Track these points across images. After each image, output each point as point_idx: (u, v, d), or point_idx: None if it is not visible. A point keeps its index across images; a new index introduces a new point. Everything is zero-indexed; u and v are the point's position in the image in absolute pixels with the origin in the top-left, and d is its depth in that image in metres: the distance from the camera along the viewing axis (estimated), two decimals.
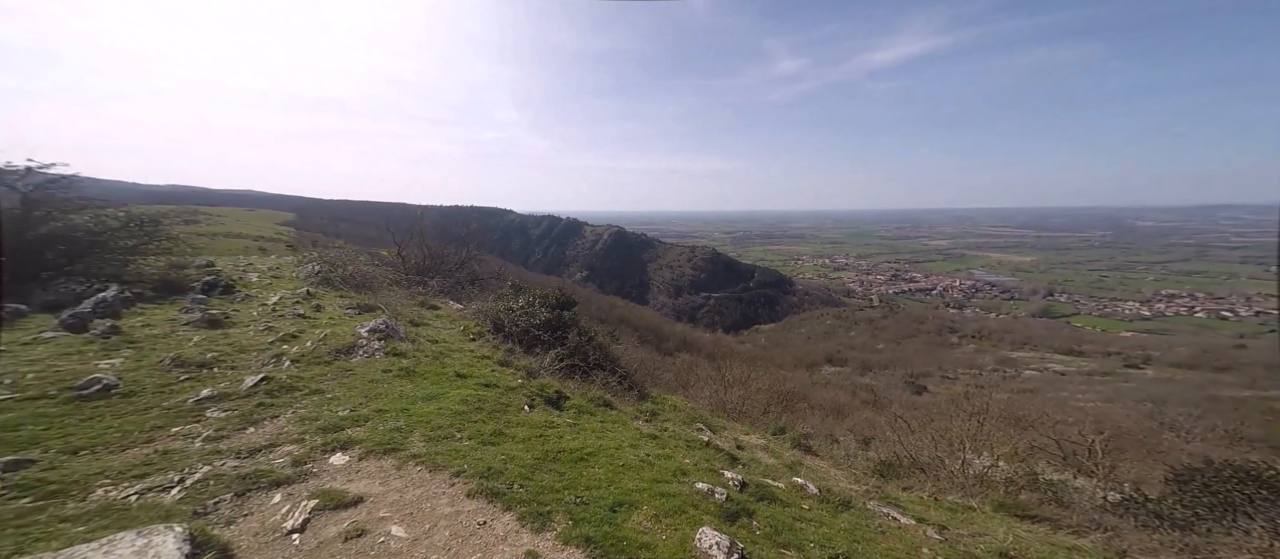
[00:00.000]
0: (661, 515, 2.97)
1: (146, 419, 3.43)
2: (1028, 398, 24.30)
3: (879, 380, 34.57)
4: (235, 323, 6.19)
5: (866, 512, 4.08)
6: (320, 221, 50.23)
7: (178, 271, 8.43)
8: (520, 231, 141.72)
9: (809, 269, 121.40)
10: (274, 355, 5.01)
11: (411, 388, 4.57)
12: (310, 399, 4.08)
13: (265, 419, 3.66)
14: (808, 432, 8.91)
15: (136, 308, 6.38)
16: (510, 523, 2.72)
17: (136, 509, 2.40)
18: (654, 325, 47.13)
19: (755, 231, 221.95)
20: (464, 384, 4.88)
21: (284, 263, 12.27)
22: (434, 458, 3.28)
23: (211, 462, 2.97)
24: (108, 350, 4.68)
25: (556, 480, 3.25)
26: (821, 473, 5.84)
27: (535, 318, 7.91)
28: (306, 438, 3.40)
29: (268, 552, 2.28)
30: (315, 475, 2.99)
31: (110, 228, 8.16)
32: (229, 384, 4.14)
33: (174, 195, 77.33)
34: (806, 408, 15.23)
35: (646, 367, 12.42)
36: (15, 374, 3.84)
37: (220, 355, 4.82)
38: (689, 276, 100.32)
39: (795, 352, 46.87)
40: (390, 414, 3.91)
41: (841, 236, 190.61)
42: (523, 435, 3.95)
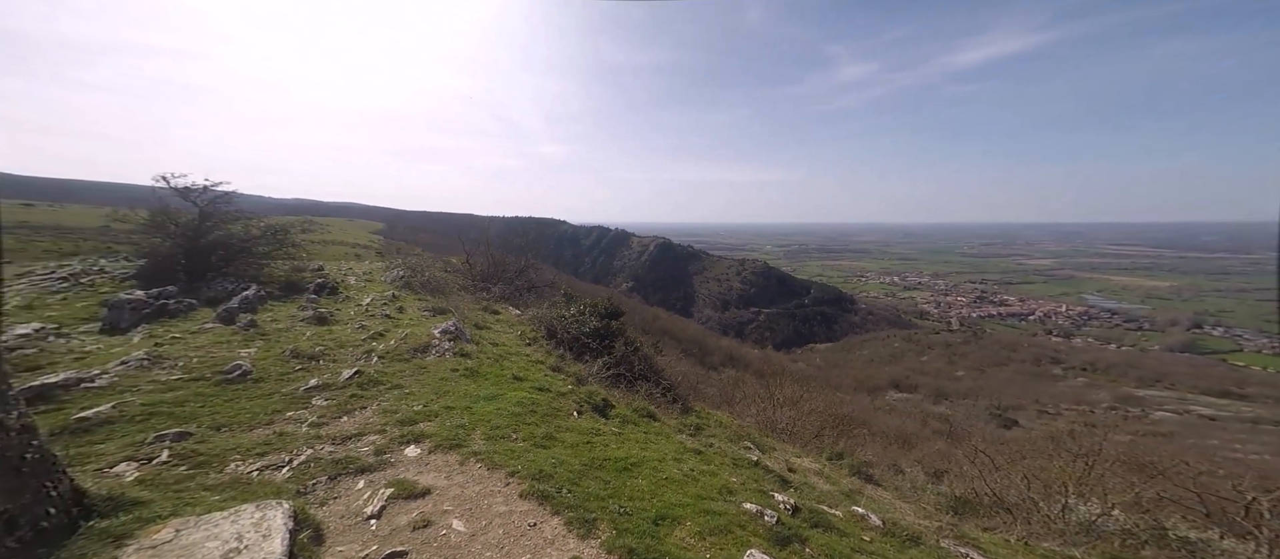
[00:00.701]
0: (706, 532, 2.86)
1: (269, 403, 4.04)
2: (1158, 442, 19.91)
3: (956, 410, 30.52)
4: (337, 320, 7.10)
5: (940, 550, 3.61)
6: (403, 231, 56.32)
7: (297, 274, 9.92)
8: (572, 242, 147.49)
9: (874, 287, 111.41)
10: (365, 351, 5.65)
11: (474, 387, 4.87)
12: (391, 393, 4.53)
13: (356, 409, 4.12)
14: (868, 460, 8.08)
15: (267, 305, 7.60)
16: (558, 527, 2.76)
17: (256, 484, 2.81)
18: (698, 339, 46.18)
19: (812, 245, 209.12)
20: (520, 387, 5.08)
21: (374, 268, 13.92)
22: (492, 456, 3.45)
23: (313, 446, 3.40)
24: (247, 341, 5.61)
25: (602, 488, 3.25)
26: (884, 504, 5.27)
27: (585, 326, 8.11)
28: (387, 429, 3.76)
29: (350, 534, 2.53)
30: (392, 465, 3.28)
31: (253, 236, 9.85)
32: (330, 375, 4.74)
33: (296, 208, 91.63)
34: (866, 434, 13.85)
35: (690, 380, 12.14)
36: (185, 358, 4.74)
37: (325, 349, 5.54)
38: (738, 290, 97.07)
39: (855, 374, 43.11)
40: (456, 411, 4.19)
41: (914, 253, 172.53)
42: (571, 441, 4.02)
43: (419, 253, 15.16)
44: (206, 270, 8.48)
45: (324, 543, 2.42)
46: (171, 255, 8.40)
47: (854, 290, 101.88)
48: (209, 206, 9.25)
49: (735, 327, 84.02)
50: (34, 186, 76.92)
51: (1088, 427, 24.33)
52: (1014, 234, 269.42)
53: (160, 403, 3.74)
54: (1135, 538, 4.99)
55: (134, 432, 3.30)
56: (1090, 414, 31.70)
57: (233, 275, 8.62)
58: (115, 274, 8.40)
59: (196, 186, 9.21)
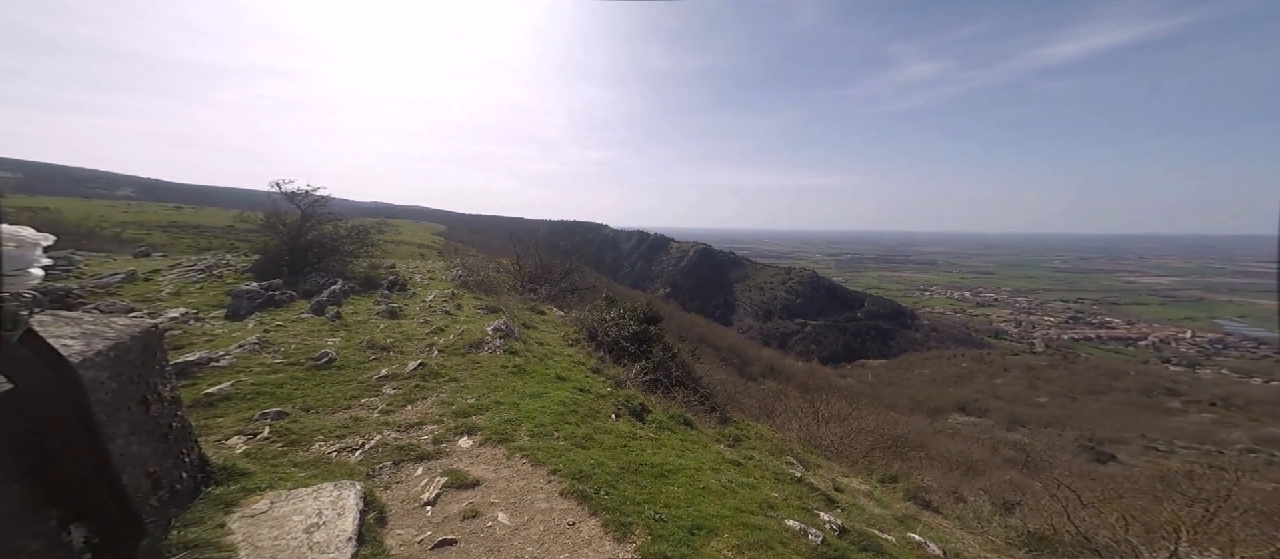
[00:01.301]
0: (744, 546, 2.75)
1: (347, 389, 4.51)
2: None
3: (1036, 439, 26.70)
4: (405, 315, 7.78)
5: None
6: (461, 233, 60.66)
7: (374, 271, 11.04)
8: (612, 246, 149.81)
9: (940, 302, 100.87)
10: (427, 345, 6.13)
11: (521, 385, 5.07)
12: (449, 386, 4.86)
13: (418, 399, 4.47)
14: (927, 485, 7.29)
15: (349, 298, 8.53)
16: (595, 528, 2.77)
17: (334, 465, 3.13)
18: (737, 347, 44.68)
19: (868, 255, 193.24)
20: (563, 386, 5.21)
21: (436, 267, 15.09)
22: (536, 453, 3.56)
23: (382, 432, 3.73)
24: (333, 330, 6.33)
25: (638, 492, 3.23)
26: (945, 533, 4.77)
27: (624, 330, 8.18)
28: (444, 420, 4.03)
29: (408, 519, 2.72)
30: (447, 455, 3.50)
31: (341, 236, 11.12)
32: (398, 366, 5.19)
33: (372, 210, 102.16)
34: (923, 459, 12.52)
35: (728, 389, 11.75)
36: (285, 344, 5.46)
37: (395, 342, 6.10)
38: (782, 300, 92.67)
39: (913, 393, 39.31)
40: (504, 407, 4.39)
41: (990, 266, 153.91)
42: (609, 443, 4.04)
43: (474, 254, 16.26)
44: (304, 266, 9.72)
45: (386, 525, 2.63)
46: (279, 252, 9.74)
47: (915, 305, 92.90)
48: (309, 209, 10.60)
49: (778, 337, 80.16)
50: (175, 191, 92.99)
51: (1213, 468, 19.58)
52: (1122, 247, 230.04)
53: (265, 383, 4.32)
54: None
55: (244, 408, 3.85)
56: (1218, 455, 26.09)
57: (324, 271, 9.80)
58: (237, 268, 9.88)
59: (300, 192, 10.63)
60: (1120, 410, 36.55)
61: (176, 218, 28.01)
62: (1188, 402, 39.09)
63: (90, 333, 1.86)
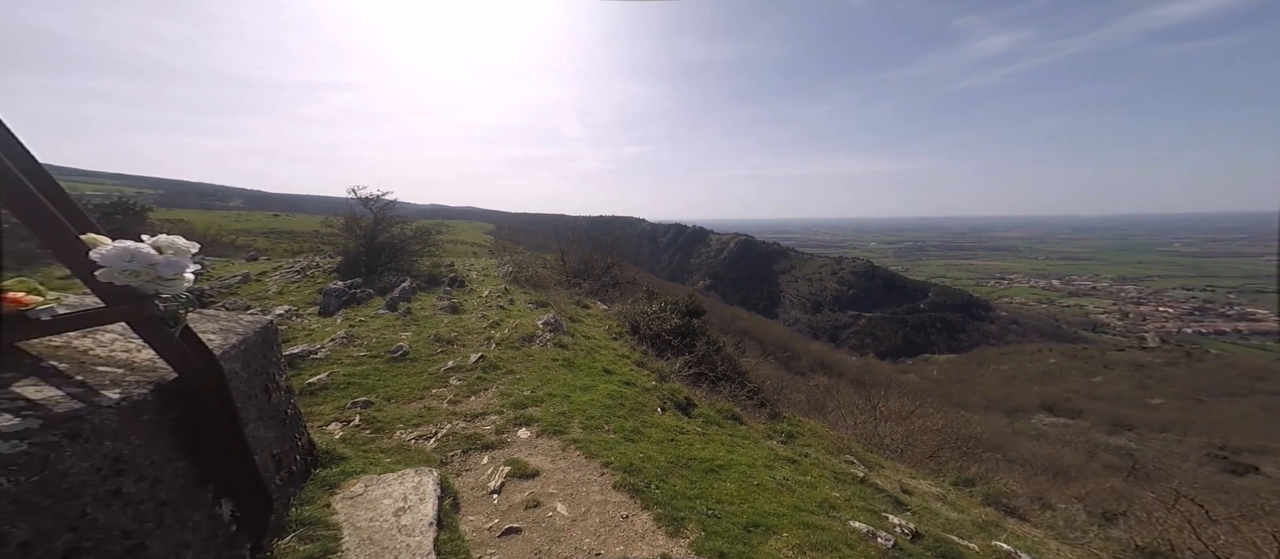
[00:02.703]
0: (806, 547, 2.64)
1: (420, 381, 4.94)
2: None
3: (1147, 445, 22.85)
4: (464, 310, 8.35)
5: None
6: (509, 232, 63.75)
7: (436, 269, 11.96)
8: (650, 239, 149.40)
9: (1021, 292, 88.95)
10: (485, 338, 6.53)
11: (571, 377, 5.22)
12: (506, 378, 5.14)
13: (481, 390, 4.78)
14: (1009, 489, 6.53)
15: (416, 295, 9.33)
16: (648, 522, 2.79)
17: (413, 452, 3.44)
18: (783, 341, 42.76)
19: (931, 242, 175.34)
20: (609, 379, 5.29)
21: (489, 264, 16.00)
22: (588, 446, 3.65)
23: (451, 421, 4.04)
24: (405, 325, 6.96)
25: (688, 487, 3.20)
26: (1036, 543, 4.27)
27: (666, 323, 8.14)
28: (504, 411, 4.26)
29: (478, 506, 2.92)
30: (508, 445, 3.70)
31: (407, 237, 12.18)
32: (461, 359, 5.58)
33: (430, 212, 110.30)
34: (1001, 461, 11.21)
35: (774, 384, 11.30)
36: (368, 339, 6.11)
37: (458, 335, 6.57)
38: (832, 291, 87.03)
39: (988, 391, 35.26)
40: (557, 399, 4.55)
41: (1085, 252, 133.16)
42: (657, 437, 4.05)
43: (522, 251, 17.04)
44: (378, 266, 10.78)
45: (460, 511, 2.84)
46: (357, 254, 10.89)
47: (989, 295, 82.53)
48: (381, 213, 11.72)
49: (828, 330, 75.55)
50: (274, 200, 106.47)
51: None
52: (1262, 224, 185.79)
53: (354, 375, 4.87)
54: None
55: (339, 397, 4.35)
56: None
57: (394, 270, 10.81)
58: (325, 268, 11.22)
59: (373, 197, 11.78)
60: (1265, 416, 29.90)
61: (275, 224, 32.32)
62: None
63: (226, 328, 2.16)
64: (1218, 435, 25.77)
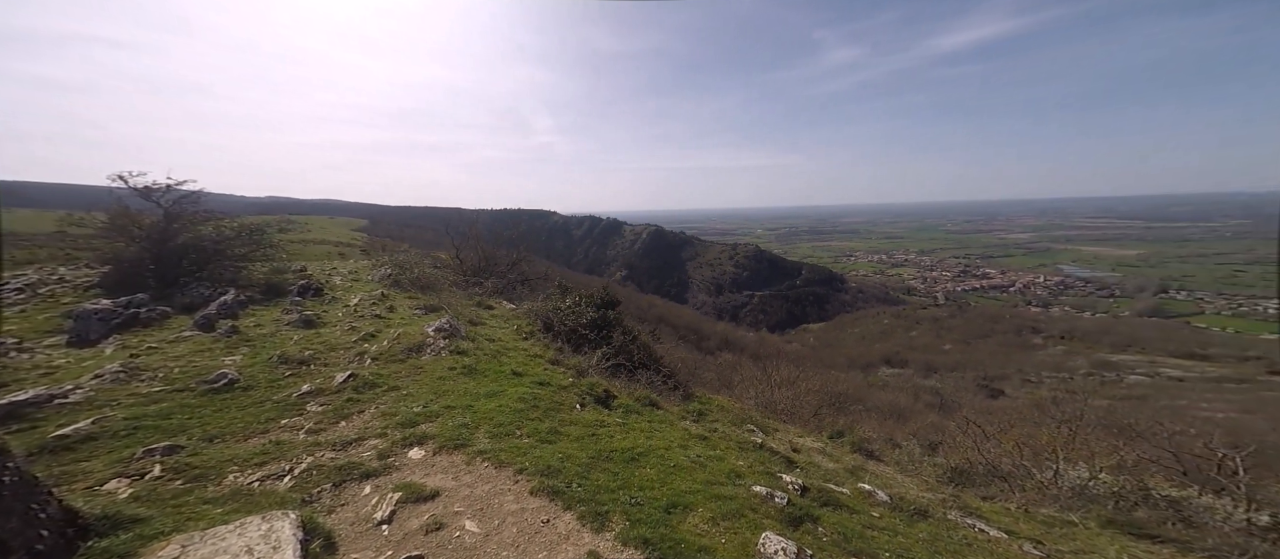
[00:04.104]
0: (718, 518, 2.90)
1: (262, 412, 3.93)
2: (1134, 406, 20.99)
3: (946, 383, 31.61)
4: (325, 323, 6.92)
5: (948, 522, 3.76)
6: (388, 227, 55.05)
7: (279, 276, 9.59)
8: (563, 233, 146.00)
9: (863, 266, 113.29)
10: (357, 354, 5.53)
11: (474, 385, 4.81)
12: (389, 395, 4.46)
13: (354, 413, 4.05)
14: (868, 436, 8.33)
15: (249, 309, 7.35)
16: (571, 522, 2.77)
17: (259, 495, 2.75)
18: (693, 324, 46.55)
19: (803, 228, 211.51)
20: (520, 382, 5.04)
21: (360, 267, 13.55)
22: (498, 455, 3.43)
23: (313, 453, 3.33)
24: (230, 348, 5.43)
25: (611, 480, 3.26)
26: (888, 479, 5.39)
27: (582, 317, 8.08)
28: (388, 432, 3.71)
29: (363, 541, 2.50)
30: (397, 469, 3.24)
31: (227, 237, 9.44)
32: (323, 380, 4.63)
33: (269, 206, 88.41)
34: (862, 411, 14.27)
35: (688, 366, 12.27)
36: (165, 369, 4.58)
37: (315, 353, 5.41)
38: (730, 275, 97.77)
39: (848, 352, 44.15)
40: (457, 411, 4.14)
41: (901, 232, 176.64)
42: (576, 434, 4.01)
43: (407, 249, 14.84)
44: (179, 275, 8.14)
45: (337, 552, 2.39)
46: (139, 260, 8.03)
47: (844, 270, 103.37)
48: (174, 207, 8.81)
49: (730, 310, 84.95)
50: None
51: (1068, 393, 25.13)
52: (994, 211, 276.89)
53: (144, 416, 3.61)
54: (1125, 500, 5.25)
55: (120, 447, 3.19)
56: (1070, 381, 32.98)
57: (208, 280, 8.30)
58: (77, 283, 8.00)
59: (159, 186, 8.75)
60: (1003, 350, 44.51)
61: None
62: (1046, 337, 48.62)
63: None
64: (980, 369, 37.21)
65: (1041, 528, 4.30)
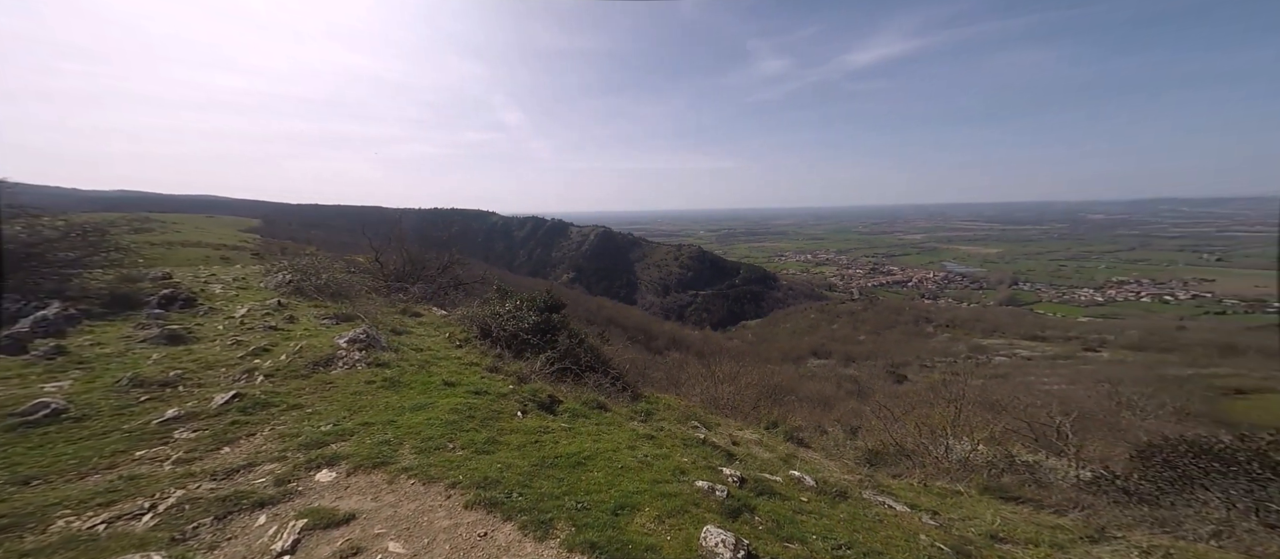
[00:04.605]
0: (665, 516, 2.96)
1: (106, 444, 3.19)
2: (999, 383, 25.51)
3: (862, 371, 35.70)
4: (199, 338, 5.83)
5: (863, 501, 4.14)
6: (289, 228, 48.14)
7: (130, 285, 7.88)
8: (504, 234, 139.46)
9: (792, 265, 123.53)
10: (245, 371, 4.75)
11: (397, 399, 4.42)
12: (289, 415, 3.89)
13: (241, 438, 3.46)
14: (799, 424, 9.03)
15: (84, 325, 5.93)
16: (512, 533, 2.66)
17: (106, 539, 2.22)
18: (643, 325, 47.20)
19: (740, 229, 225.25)
20: (453, 392, 4.76)
21: (250, 272, 11.66)
22: (427, 470, 3.19)
23: (185, 485, 2.78)
24: (53, 372, 4.32)
25: (555, 486, 3.19)
26: (816, 464, 5.84)
27: (524, 322, 7.78)
28: (288, 455, 3.24)
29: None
30: (301, 494, 2.85)
31: (47, 238, 7.56)
32: (197, 403, 3.89)
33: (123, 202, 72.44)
34: (795, 401, 15.55)
35: (638, 366, 12.42)
36: None
37: (185, 373, 4.52)
38: (676, 275, 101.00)
39: (781, 346, 47.90)
40: (377, 427, 3.77)
41: (822, 233, 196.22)
42: (518, 442, 3.88)
43: (313, 252, 13.05)
44: None
45: None
46: None
47: (776, 269, 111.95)
48: None
49: (676, 310, 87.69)
50: None
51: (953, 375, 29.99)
52: (896, 214, 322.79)
53: None
54: (996, 467, 6.30)
55: None
56: (954, 364, 39.18)
57: (17, 291, 6.53)
58: None
59: None
60: (905, 339, 51.59)
61: None
62: (936, 326, 57.39)
63: None
64: (888, 357, 42.69)
65: (937, 499, 4.83)
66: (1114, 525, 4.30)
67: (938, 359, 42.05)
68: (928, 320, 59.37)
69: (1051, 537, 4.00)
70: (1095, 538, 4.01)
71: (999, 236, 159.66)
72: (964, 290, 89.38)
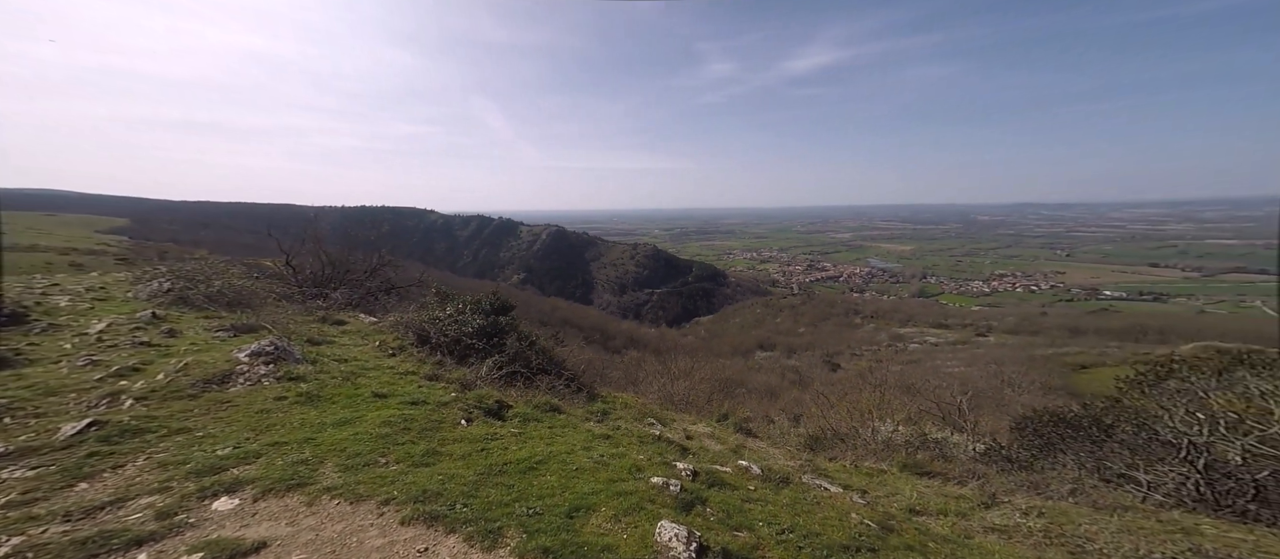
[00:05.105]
0: (620, 515, 2.98)
1: None
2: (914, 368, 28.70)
3: (803, 361, 38.45)
4: (35, 360, 4.78)
5: (803, 485, 4.38)
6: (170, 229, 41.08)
7: None
8: (445, 234, 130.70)
9: (740, 263, 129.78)
10: (107, 395, 3.97)
11: (316, 415, 4.00)
12: (172, 441, 3.32)
13: (104, 471, 2.88)
14: (748, 415, 9.47)
15: None
16: (456, 545, 2.53)
17: None
18: (600, 324, 46.81)
19: (692, 228, 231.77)
20: (385, 404, 4.42)
21: (112, 280, 9.75)
22: (354, 488, 2.93)
23: (25, 531, 2.25)
24: None
25: (505, 494, 3.11)
26: (762, 453, 6.08)
27: (467, 326, 7.36)
28: (173, 485, 2.77)
29: None
30: (193, 526, 2.45)
31: None
32: (35, 435, 3.19)
33: None
34: (745, 392, 16.34)
35: (595, 367, 12.30)
36: None
37: (14, 402, 3.67)
38: (632, 274, 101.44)
39: (732, 340, 50.12)
40: (290, 446, 3.37)
41: (765, 232, 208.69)
42: (462, 452, 3.71)
43: (202, 256, 11.24)
44: None
45: None
46: None
47: (726, 267, 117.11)
48: None
49: (633, 309, 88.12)
50: None
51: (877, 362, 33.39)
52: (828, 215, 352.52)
53: None
54: (913, 445, 6.95)
55: None
56: (878, 352, 43.61)
57: None
58: None
59: None
60: (838, 331, 56.53)
61: None
62: (863, 317, 63.52)
63: None
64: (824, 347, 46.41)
65: (866, 478, 5.22)
66: (1002, 491, 4.83)
67: (865, 348, 46.57)
68: (856, 312, 65.57)
69: (956, 506, 4.42)
70: (988, 504, 4.48)
71: (911, 236, 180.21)
72: (885, 284, 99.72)
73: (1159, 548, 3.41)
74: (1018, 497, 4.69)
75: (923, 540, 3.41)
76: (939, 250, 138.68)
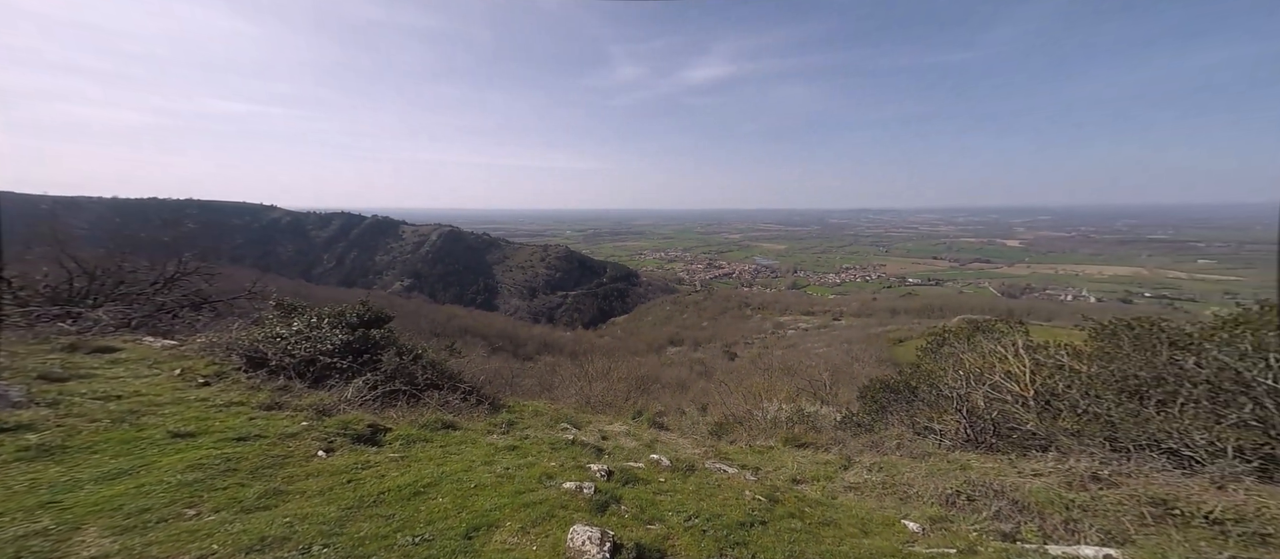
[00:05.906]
0: (529, 526, 2.87)
1: None
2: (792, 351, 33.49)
3: (706, 353, 41.73)
4: None
5: (706, 471, 4.62)
6: None
7: None
8: (295, 234, 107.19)
9: (650, 263, 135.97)
10: None
11: (60, 472, 2.92)
12: None
13: None
14: (661, 409, 9.80)
15: None
16: None
17: None
18: (507, 331, 43.64)
19: (605, 229, 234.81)
20: (192, 446, 3.48)
21: None
22: (140, 552, 2.25)
23: None
24: None
25: (381, 526, 2.76)
26: (673, 445, 6.24)
27: (324, 343, 6.09)
28: None
29: None
30: None
31: None
32: None
33: None
34: (659, 387, 16.97)
35: (502, 376, 11.37)
36: None
37: None
38: (544, 276, 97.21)
39: (645, 338, 51.82)
40: (20, 516, 2.31)
41: (671, 233, 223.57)
42: (319, 487, 3.17)
43: None
44: None
45: None
46: None
47: (638, 267, 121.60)
48: None
49: (546, 312, 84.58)
50: None
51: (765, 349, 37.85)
52: (721, 218, 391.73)
53: None
54: (793, 421, 7.77)
55: None
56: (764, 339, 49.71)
57: None
58: None
59: None
60: (733, 322, 62.84)
61: None
62: (753, 309, 71.47)
63: None
64: (723, 339, 51.08)
65: (758, 456, 5.67)
66: (855, 453, 5.56)
67: (755, 336, 52.79)
68: (746, 305, 73.76)
69: (824, 471, 5.03)
70: (846, 466, 5.17)
71: (786, 236, 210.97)
72: (768, 279, 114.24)
73: (949, 484, 4.29)
74: (865, 456, 5.41)
75: (801, 507, 3.82)
76: (805, 248, 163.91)
